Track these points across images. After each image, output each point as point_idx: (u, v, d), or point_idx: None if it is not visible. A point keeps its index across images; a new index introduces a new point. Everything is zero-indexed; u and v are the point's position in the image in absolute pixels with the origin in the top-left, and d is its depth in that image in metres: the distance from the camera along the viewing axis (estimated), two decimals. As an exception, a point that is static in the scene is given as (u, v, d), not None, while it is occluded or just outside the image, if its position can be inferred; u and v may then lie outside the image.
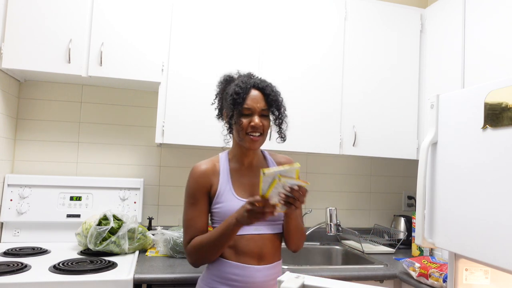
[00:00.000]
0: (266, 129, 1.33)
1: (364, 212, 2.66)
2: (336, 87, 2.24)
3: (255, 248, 1.30)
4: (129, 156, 2.30)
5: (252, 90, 1.31)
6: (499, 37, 1.76)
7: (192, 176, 1.34)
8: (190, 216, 1.32)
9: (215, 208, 1.32)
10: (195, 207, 1.32)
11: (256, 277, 1.28)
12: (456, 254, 1.38)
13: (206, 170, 1.34)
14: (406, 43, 2.36)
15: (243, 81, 1.32)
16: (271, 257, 1.33)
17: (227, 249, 1.29)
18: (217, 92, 1.44)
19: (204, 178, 1.33)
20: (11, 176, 2.04)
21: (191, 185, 1.33)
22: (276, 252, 1.36)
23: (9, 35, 1.85)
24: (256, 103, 1.29)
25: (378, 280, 1.83)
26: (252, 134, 1.29)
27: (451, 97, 1.41)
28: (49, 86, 2.21)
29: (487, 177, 1.21)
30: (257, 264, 1.29)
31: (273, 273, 1.33)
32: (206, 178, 1.33)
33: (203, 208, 1.33)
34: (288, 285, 0.82)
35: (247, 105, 1.28)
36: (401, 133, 2.33)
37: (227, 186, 1.33)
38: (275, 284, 1.33)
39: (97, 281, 1.49)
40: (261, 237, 1.31)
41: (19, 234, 2.02)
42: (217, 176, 1.34)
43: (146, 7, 2.01)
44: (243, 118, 1.29)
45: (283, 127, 1.39)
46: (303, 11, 2.21)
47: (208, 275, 1.33)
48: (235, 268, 1.28)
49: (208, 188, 1.33)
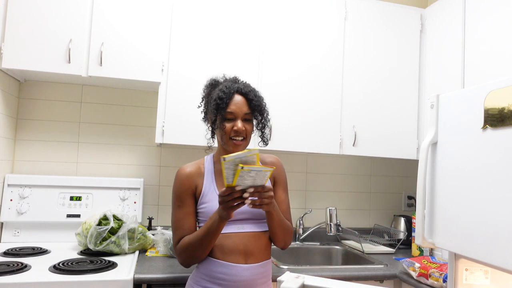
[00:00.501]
0: (249, 133, 1.36)
1: (364, 212, 2.66)
2: (336, 87, 2.24)
3: (240, 246, 1.31)
4: (129, 156, 2.31)
5: (236, 95, 1.34)
6: (499, 37, 1.76)
7: (177, 178, 1.38)
8: (178, 218, 1.35)
9: (201, 208, 1.35)
10: (181, 209, 1.35)
11: (244, 276, 1.29)
12: (456, 254, 1.38)
13: (191, 172, 1.38)
14: (406, 43, 2.36)
15: (226, 86, 1.34)
16: (259, 255, 1.34)
17: (215, 248, 1.31)
18: (202, 95, 1.47)
19: (189, 180, 1.36)
20: (11, 176, 2.04)
21: (177, 187, 1.37)
22: (264, 250, 1.36)
23: (9, 35, 1.85)
24: (239, 108, 1.32)
25: (378, 280, 1.83)
26: (235, 139, 1.32)
27: (451, 97, 1.41)
28: (49, 86, 2.21)
29: (487, 177, 1.21)
30: (244, 262, 1.31)
31: (262, 271, 1.33)
32: (191, 179, 1.37)
33: (190, 209, 1.36)
34: (288, 285, 0.82)
35: (230, 109, 1.31)
36: (401, 133, 2.33)
37: (211, 187, 1.36)
38: (265, 282, 1.35)
39: (97, 281, 1.49)
40: (246, 234, 1.33)
41: (19, 234, 2.02)
42: (201, 178, 1.38)
43: (146, 7, 2.01)
44: (226, 122, 1.32)
45: (265, 131, 1.42)
46: (303, 11, 2.21)
47: (197, 273, 1.35)
48: (222, 267, 1.30)
49: (193, 190, 1.37)
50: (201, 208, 1.35)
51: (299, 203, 2.54)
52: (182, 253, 1.31)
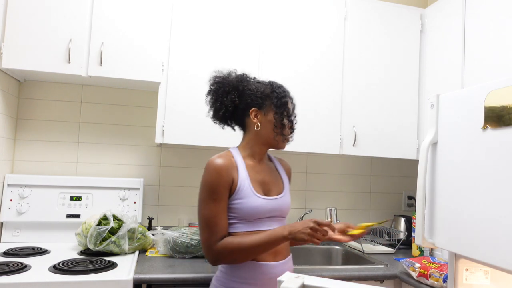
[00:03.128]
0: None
1: (364, 212, 2.66)
2: (336, 87, 2.24)
3: None
4: (129, 156, 2.30)
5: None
6: (499, 37, 1.76)
7: (214, 170, 1.29)
8: (214, 213, 1.27)
9: (234, 203, 1.30)
10: (218, 203, 1.28)
11: (272, 273, 1.30)
12: (456, 254, 1.38)
13: (228, 165, 1.31)
14: (406, 43, 2.36)
15: (278, 86, 1.42)
16: (284, 251, 1.38)
17: None
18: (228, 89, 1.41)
19: (227, 173, 1.29)
20: (11, 176, 2.03)
21: (213, 180, 1.28)
22: (288, 247, 1.41)
23: (9, 35, 1.85)
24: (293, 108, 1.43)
25: (378, 280, 1.83)
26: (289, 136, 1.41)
27: (451, 97, 1.41)
28: (49, 86, 2.21)
29: (487, 177, 1.21)
30: (273, 260, 1.32)
31: (287, 268, 1.36)
32: (229, 172, 1.30)
33: (225, 204, 1.30)
34: (288, 285, 0.81)
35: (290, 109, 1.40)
36: (401, 133, 2.33)
37: (246, 182, 1.32)
38: None
39: (97, 281, 1.49)
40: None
41: (19, 234, 2.02)
42: (236, 171, 1.32)
43: (146, 7, 2.01)
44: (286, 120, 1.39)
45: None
46: (303, 11, 2.21)
47: (224, 274, 1.33)
48: (252, 266, 1.29)
49: (230, 183, 1.30)
50: (235, 203, 1.29)
51: (299, 203, 2.54)
52: (224, 255, 1.25)
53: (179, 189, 2.35)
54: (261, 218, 1.33)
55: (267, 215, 1.34)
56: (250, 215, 1.30)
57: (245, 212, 1.29)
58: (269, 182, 1.40)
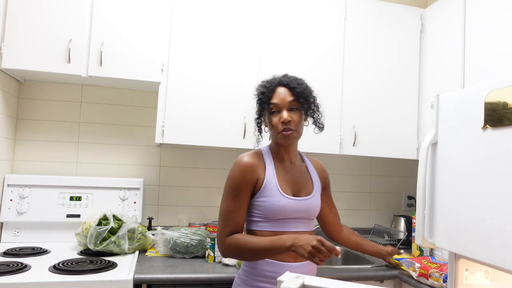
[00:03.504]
0: (297, 123, 1.34)
1: (364, 212, 2.66)
2: (336, 87, 2.24)
3: None
4: (129, 156, 2.30)
5: (278, 87, 1.34)
6: (499, 36, 1.76)
7: (240, 168, 1.31)
8: (232, 208, 1.30)
9: (259, 201, 1.31)
10: (238, 200, 1.30)
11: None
12: (456, 254, 1.38)
13: (254, 164, 1.32)
14: (406, 43, 2.36)
15: (268, 80, 1.36)
16: None
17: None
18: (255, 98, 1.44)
19: (252, 172, 1.31)
20: (11, 176, 2.03)
21: (237, 177, 1.30)
22: None
23: (9, 35, 1.85)
24: (282, 99, 1.31)
25: (378, 280, 1.83)
26: (285, 130, 1.31)
27: (451, 97, 1.41)
28: (49, 86, 2.21)
29: (487, 177, 1.21)
30: (294, 261, 1.31)
31: (308, 270, 1.34)
32: (254, 171, 1.31)
33: (245, 201, 1.31)
34: (288, 285, 0.81)
35: (274, 101, 1.31)
36: (401, 133, 2.33)
37: (273, 181, 1.32)
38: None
39: (97, 281, 1.49)
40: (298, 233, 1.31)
41: (19, 234, 2.02)
42: (263, 169, 1.33)
43: (146, 7, 2.01)
44: (273, 116, 1.32)
45: (316, 117, 1.41)
46: (303, 11, 2.21)
47: (245, 272, 1.34)
48: (273, 266, 1.29)
49: (254, 182, 1.31)
50: (260, 201, 1.31)
51: (299, 203, 2.53)
52: (231, 249, 1.27)
53: (179, 189, 2.35)
54: (286, 219, 1.31)
55: (292, 216, 1.32)
56: (274, 214, 1.30)
57: (269, 210, 1.29)
58: (299, 182, 1.39)
